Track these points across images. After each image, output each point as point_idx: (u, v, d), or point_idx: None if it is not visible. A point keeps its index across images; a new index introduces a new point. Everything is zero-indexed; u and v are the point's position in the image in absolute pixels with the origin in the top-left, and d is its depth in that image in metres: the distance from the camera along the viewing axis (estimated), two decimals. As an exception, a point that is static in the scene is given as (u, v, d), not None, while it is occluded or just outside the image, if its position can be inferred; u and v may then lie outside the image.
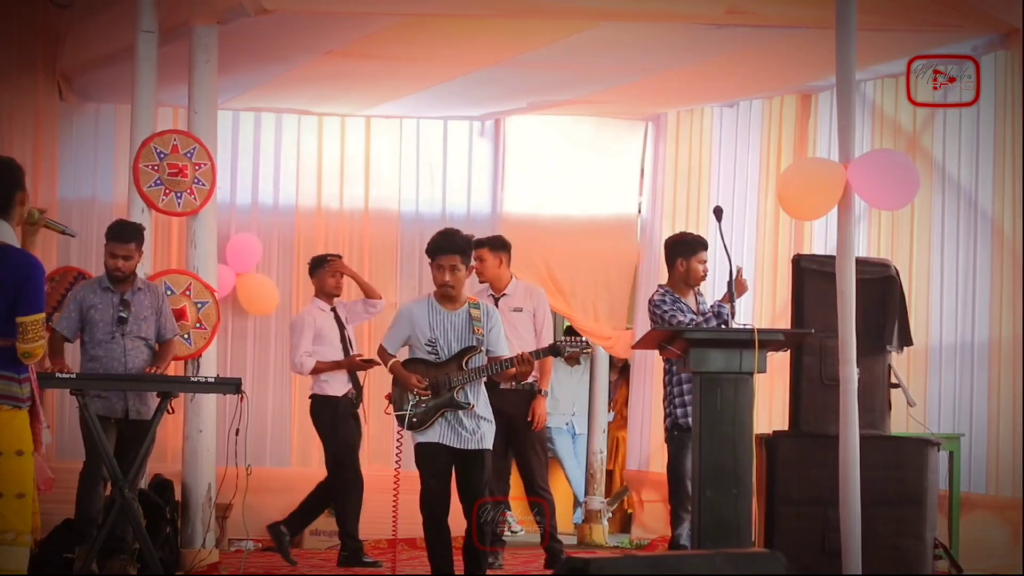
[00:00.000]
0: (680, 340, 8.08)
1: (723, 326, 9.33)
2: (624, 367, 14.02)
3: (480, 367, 8.24)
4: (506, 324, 9.66)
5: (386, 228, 12.78)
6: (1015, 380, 9.71)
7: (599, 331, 12.90)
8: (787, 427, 8.54)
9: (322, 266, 10.89)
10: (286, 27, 10.09)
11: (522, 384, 10.05)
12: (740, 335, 8.13)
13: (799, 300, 8.49)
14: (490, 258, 10.38)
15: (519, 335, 10.07)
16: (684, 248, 9.97)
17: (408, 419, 8.22)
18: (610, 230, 13.13)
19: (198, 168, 10.07)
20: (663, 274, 10.42)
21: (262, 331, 12.47)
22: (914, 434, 9.12)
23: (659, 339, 8.32)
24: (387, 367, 8.42)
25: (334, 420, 10.58)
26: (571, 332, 12.99)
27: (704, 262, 9.96)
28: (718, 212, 9.22)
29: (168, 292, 9.89)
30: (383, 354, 8.46)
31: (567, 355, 8.99)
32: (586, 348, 8.90)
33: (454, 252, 8.22)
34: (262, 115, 12.58)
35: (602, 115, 12.96)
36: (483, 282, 10.47)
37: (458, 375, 8.21)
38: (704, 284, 10.12)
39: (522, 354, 8.38)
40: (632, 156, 13.23)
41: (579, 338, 8.91)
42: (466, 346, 8.25)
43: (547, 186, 13.11)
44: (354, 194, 12.75)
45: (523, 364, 8.34)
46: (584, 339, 8.94)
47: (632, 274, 13.18)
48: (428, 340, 8.26)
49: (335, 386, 10.61)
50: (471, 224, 11.97)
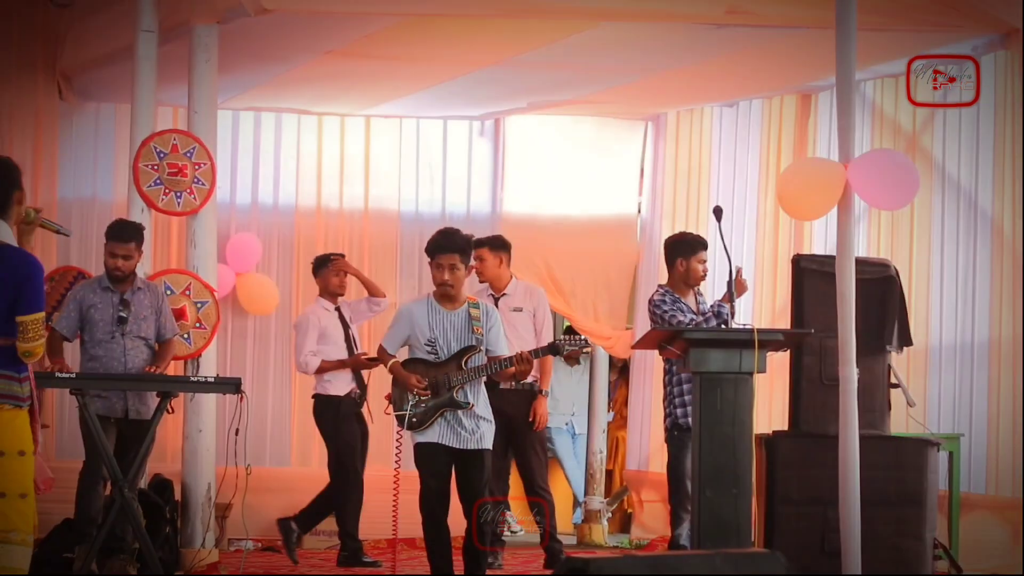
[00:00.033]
0: (680, 340, 8.08)
1: (723, 326, 9.33)
2: (624, 367, 14.01)
3: (479, 367, 8.23)
4: (506, 324, 9.65)
5: (386, 228, 12.77)
6: (1015, 380, 9.71)
7: (599, 331, 12.89)
8: (787, 427, 8.54)
9: (326, 265, 10.88)
10: (286, 27, 10.09)
11: (522, 384, 10.05)
12: (740, 335, 8.13)
13: (799, 300, 8.49)
14: (490, 258, 10.37)
15: (519, 335, 10.06)
16: (684, 248, 9.96)
17: (408, 419, 8.21)
18: (610, 230, 13.12)
19: (198, 168, 10.07)
20: (663, 274, 10.42)
21: (262, 331, 12.47)
22: (914, 434, 9.12)
23: (659, 339, 8.32)
24: (387, 367, 8.41)
25: (336, 420, 10.58)
26: (571, 332, 12.98)
27: (704, 262, 9.96)
28: (718, 212, 9.21)
29: (168, 292, 9.88)
30: (383, 354, 8.45)
31: (566, 354, 8.97)
32: (585, 347, 8.89)
33: (453, 251, 8.21)
34: (262, 115, 12.57)
35: (602, 115, 12.95)
36: (483, 282, 10.47)
37: (457, 375, 8.21)
38: (704, 284, 10.12)
39: (521, 353, 8.36)
40: (632, 156, 13.23)
41: (578, 337, 8.89)
42: (465, 346, 8.24)
43: (547, 186, 13.10)
44: (354, 194, 12.74)
45: (522, 363, 8.32)
46: (583, 338, 8.92)
47: (632, 274, 13.18)
48: (427, 340, 8.25)
49: (337, 386, 10.60)
50: (471, 224, 11.96)
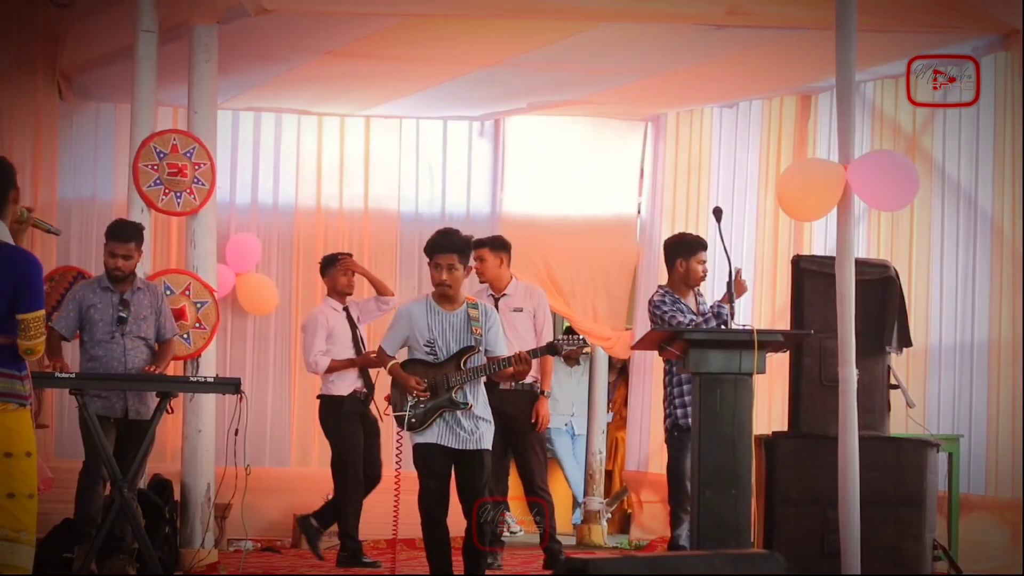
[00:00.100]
0: (680, 341, 8.07)
1: (723, 327, 9.33)
2: (623, 368, 14.01)
3: (478, 367, 8.22)
4: (506, 324, 9.66)
5: (385, 228, 12.77)
6: (1014, 381, 9.71)
7: (598, 331, 12.89)
8: (786, 428, 8.53)
9: (334, 264, 10.85)
10: (286, 27, 10.09)
11: (522, 384, 10.05)
12: (739, 336, 8.12)
13: (798, 301, 8.48)
14: (491, 258, 10.37)
15: (519, 335, 10.06)
16: (683, 248, 9.96)
17: (407, 420, 8.21)
18: (609, 230, 13.12)
19: (198, 168, 10.07)
20: (662, 274, 10.42)
21: (261, 331, 12.46)
22: (913, 435, 9.12)
23: (659, 340, 8.31)
24: (386, 369, 8.41)
25: (338, 419, 10.57)
26: (571, 332, 12.97)
27: (703, 262, 9.96)
28: (717, 213, 9.21)
29: (167, 292, 9.88)
30: (382, 355, 8.44)
31: (564, 354, 8.94)
32: (583, 347, 8.87)
33: (451, 251, 8.20)
34: (262, 115, 12.57)
35: (602, 115, 12.95)
36: (483, 282, 10.47)
37: (456, 375, 8.20)
38: (704, 285, 10.12)
39: (519, 353, 8.36)
40: (632, 156, 13.22)
41: (576, 337, 8.88)
42: (464, 346, 8.24)
43: (546, 186, 13.10)
44: (354, 194, 12.74)
45: (520, 363, 8.32)
46: (581, 338, 8.91)
47: (631, 274, 13.17)
48: (426, 341, 8.25)
49: (340, 386, 10.58)
50: (470, 224, 11.96)
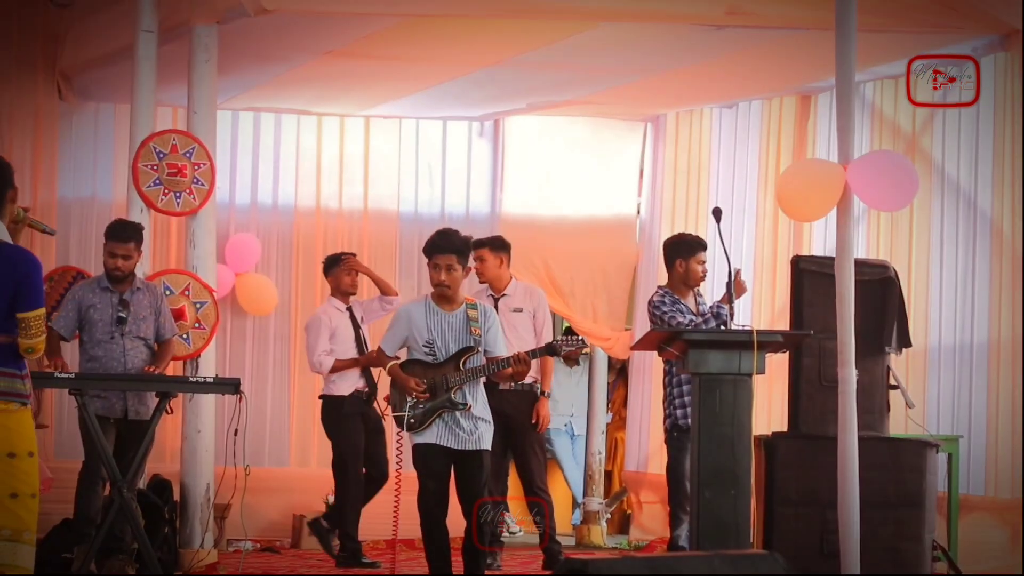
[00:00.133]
0: (679, 341, 8.07)
1: (722, 327, 9.32)
2: (622, 368, 14.00)
3: (477, 367, 8.22)
4: (506, 325, 9.66)
5: (385, 228, 12.77)
6: (1014, 381, 9.70)
7: (598, 332, 12.89)
8: (786, 428, 8.53)
9: (337, 264, 10.84)
10: (286, 27, 10.09)
11: (521, 385, 10.04)
12: (739, 336, 8.12)
13: (798, 301, 8.48)
14: (491, 258, 10.36)
15: (519, 335, 10.06)
16: (683, 249, 9.96)
17: (406, 420, 8.21)
18: (609, 231, 13.12)
19: (197, 168, 10.07)
20: (662, 275, 10.41)
21: (261, 331, 12.46)
22: (913, 436, 9.12)
23: (658, 340, 8.31)
24: (385, 370, 8.40)
25: (338, 419, 10.57)
26: (570, 333, 12.97)
27: (703, 263, 9.95)
28: (717, 213, 9.21)
29: (167, 292, 9.88)
30: (381, 356, 8.44)
31: (564, 354, 8.94)
32: (582, 347, 8.87)
33: (450, 252, 8.20)
34: (261, 115, 12.57)
35: (601, 116, 12.94)
36: (483, 282, 10.46)
37: (455, 376, 8.20)
38: (703, 285, 10.11)
39: (518, 354, 8.35)
40: (631, 157, 13.22)
41: (576, 337, 8.88)
42: (463, 347, 8.24)
43: (546, 187, 13.09)
44: (353, 194, 12.73)
45: (519, 364, 8.31)
46: (580, 338, 8.91)
47: (631, 275, 13.17)
48: (426, 341, 8.24)
49: (341, 386, 10.58)
50: (470, 224, 11.97)
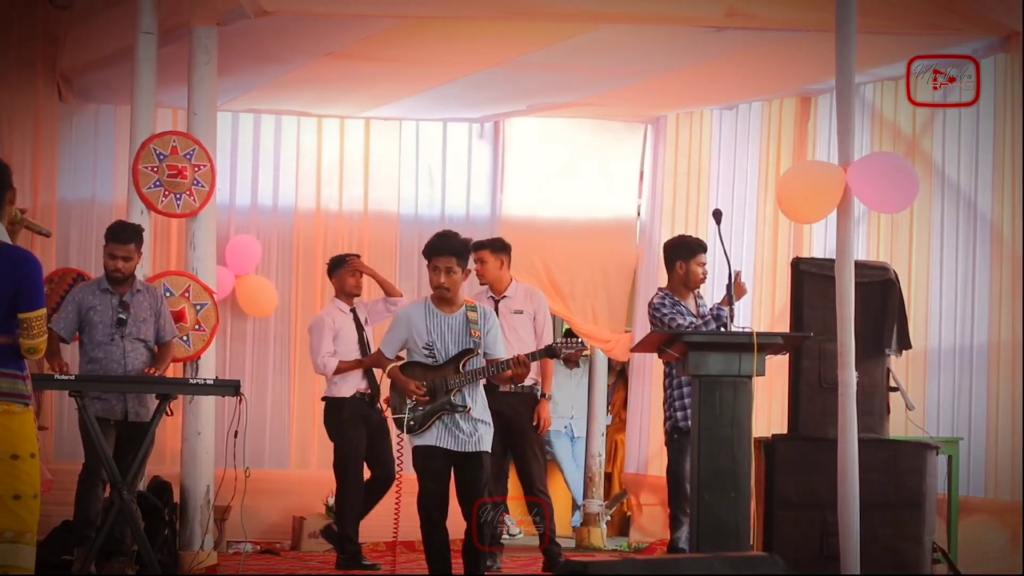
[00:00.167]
0: (679, 343, 8.07)
1: (722, 329, 9.32)
2: (622, 370, 14.00)
3: (477, 369, 8.22)
4: (506, 327, 9.66)
5: (385, 230, 12.77)
6: (1014, 383, 9.70)
7: (598, 334, 12.88)
8: (786, 430, 8.53)
9: (342, 266, 10.81)
10: (286, 29, 10.09)
11: (522, 387, 10.03)
12: (739, 338, 8.12)
13: (798, 303, 8.48)
14: (492, 260, 10.35)
15: (519, 337, 10.05)
16: (683, 251, 9.95)
17: (405, 423, 8.20)
18: (609, 232, 13.11)
19: (197, 170, 10.06)
20: (662, 277, 10.41)
21: (261, 333, 12.46)
22: (913, 438, 9.11)
23: (658, 342, 8.31)
24: (385, 372, 8.40)
25: (339, 421, 10.56)
26: (570, 335, 12.96)
27: (703, 265, 9.95)
28: (717, 215, 9.21)
29: (167, 294, 9.88)
30: (381, 358, 8.44)
31: (563, 356, 8.94)
32: (582, 349, 8.88)
33: (450, 254, 8.20)
34: (261, 117, 12.57)
35: (601, 117, 12.94)
36: (484, 284, 10.45)
37: (455, 378, 8.20)
38: (703, 287, 10.11)
39: (517, 356, 8.35)
40: (631, 158, 13.22)
41: (575, 339, 8.87)
42: (463, 349, 8.24)
43: (546, 188, 13.09)
44: (353, 196, 12.73)
45: (519, 366, 8.31)
46: (580, 340, 8.90)
47: (631, 276, 13.16)
48: (425, 343, 8.24)
49: (343, 387, 10.57)
50: (470, 226, 11.98)
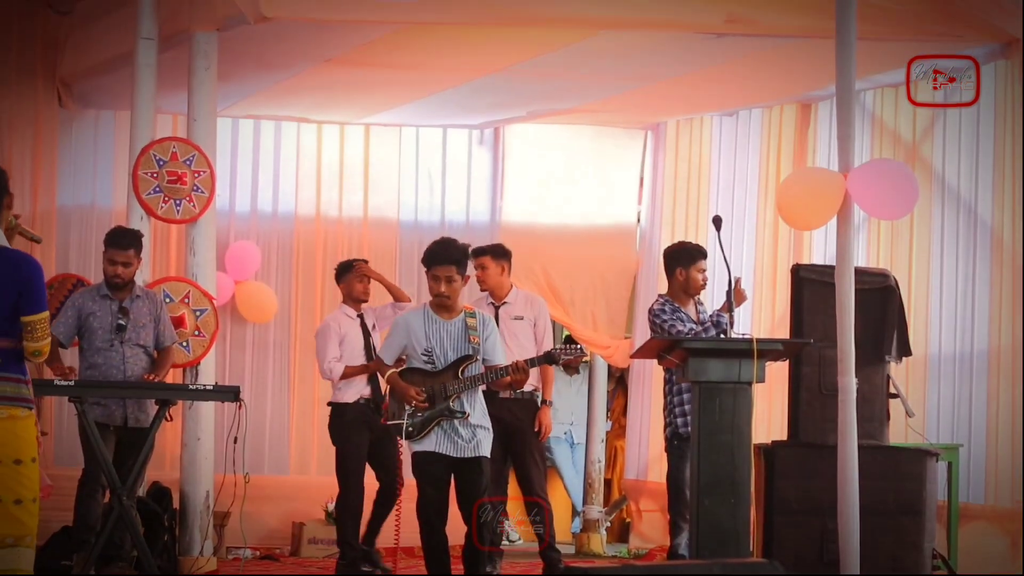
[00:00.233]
0: (679, 349, 8.07)
1: (722, 336, 9.32)
2: (621, 376, 13.99)
3: (476, 376, 8.22)
4: (506, 333, 9.66)
5: (385, 236, 12.76)
6: (1014, 390, 9.69)
7: (598, 340, 12.88)
8: (786, 437, 8.53)
9: (349, 271, 10.80)
10: (286, 35, 10.09)
11: (522, 393, 10.02)
12: (739, 345, 8.12)
13: (798, 310, 8.48)
14: (492, 266, 10.34)
15: (520, 343, 10.04)
16: (683, 257, 9.95)
17: (405, 429, 8.20)
18: (609, 239, 13.11)
19: (197, 175, 10.06)
20: (662, 283, 10.41)
21: (261, 339, 12.45)
22: (913, 444, 9.11)
23: (658, 348, 8.31)
24: (384, 378, 8.40)
25: (342, 427, 10.55)
26: (570, 341, 12.95)
27: (703, 271, 9.95)
28: (717, 222, 9.21)
29: (167, 300, 9.88)
30: (380, 365, 8.44)
31: (562, 362, 8.94)
32: (581, 355, 8.88)
33: (449, 263, 8.19)
34: (261, 122, 12.57)
35: (601, 124, 12.94)
36: (484, 290, 10.44)
37: (454, 384, 8.20)
38: (703, 293, 10.11)
39: (516, 362, 8.36)
40: (631, 165, 13.22)
41: (575, 346, 8.87)
42: (462, 355, 8.24)
43: (546, 195, 13.09)
44: (353, 202, 12.73)
45: (518, 372, 8.31)
46: (579, 346, 8.90)
47: (631, 283, 13.16)
48: (424, 350, 8.24)
49: (347, 393, 10.55)
50: (470, 232, 11.97)
